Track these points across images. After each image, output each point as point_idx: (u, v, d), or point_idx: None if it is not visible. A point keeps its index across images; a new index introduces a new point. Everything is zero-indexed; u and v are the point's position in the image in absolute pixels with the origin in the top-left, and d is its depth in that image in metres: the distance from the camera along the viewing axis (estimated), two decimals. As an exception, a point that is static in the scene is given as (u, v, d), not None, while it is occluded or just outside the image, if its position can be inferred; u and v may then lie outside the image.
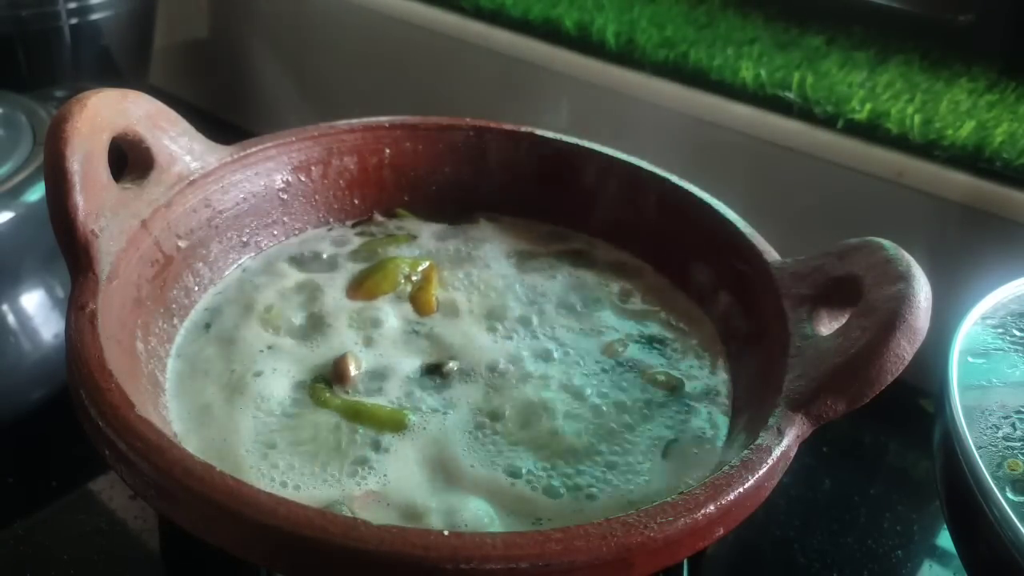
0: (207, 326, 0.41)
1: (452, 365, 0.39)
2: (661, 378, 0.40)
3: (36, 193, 0.49)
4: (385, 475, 0.34)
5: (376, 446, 0.35)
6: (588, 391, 0.39)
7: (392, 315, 0.43)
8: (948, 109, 0.59)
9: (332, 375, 0.38)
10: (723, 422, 0.38)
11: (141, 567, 0.43)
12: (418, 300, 0.44)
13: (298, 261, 0.46)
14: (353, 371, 0.38)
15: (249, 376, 0.38)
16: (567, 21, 0.70)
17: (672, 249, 0.46)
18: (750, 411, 0.36)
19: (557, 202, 0.50)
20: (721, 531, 0.28)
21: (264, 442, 0.35)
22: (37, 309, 0.51)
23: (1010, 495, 0.32)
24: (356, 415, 0.36)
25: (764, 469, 0.29)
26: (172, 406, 0.36)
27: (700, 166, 0.47)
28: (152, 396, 0.35)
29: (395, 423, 0.36)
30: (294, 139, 0.46)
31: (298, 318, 0.42)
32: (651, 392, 0.39)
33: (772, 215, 0.44)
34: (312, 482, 0.33)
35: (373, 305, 0.43)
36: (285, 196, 0.47)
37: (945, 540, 0.47)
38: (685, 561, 0.41)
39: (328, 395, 0.37)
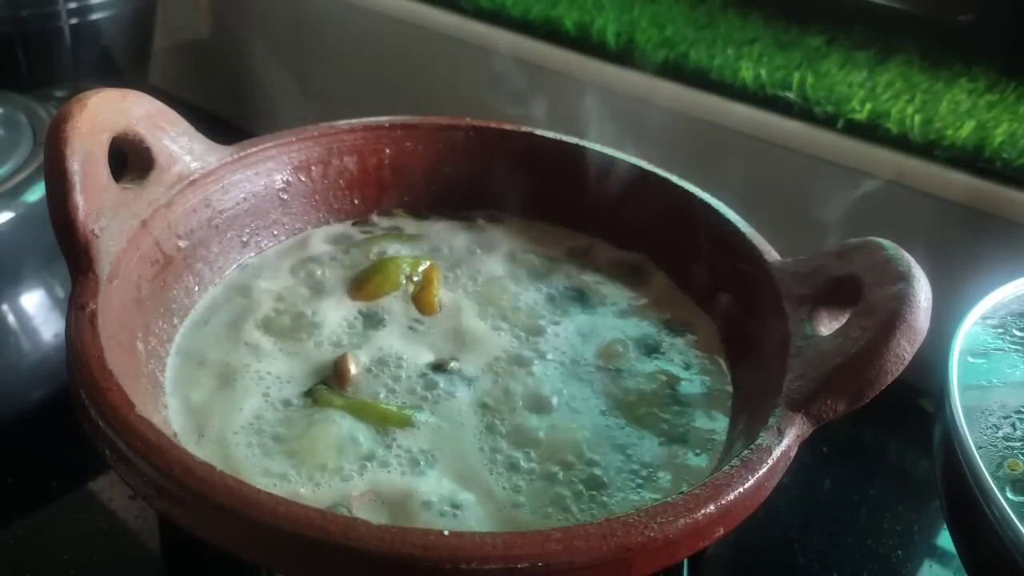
0: (206, 323, 0.41)
1: (455, 365, 0.39)
2: (662, 378, 0.40)
3: (36, 193, 0.49)
4: (385, 473, 0.34)
5: (378, 444, 0.35)
6: (589, 391, 0.39)
7: (394, 315, 0.43)
8: (948, 109, 0.59)
9: (332, 375, 0.38)
10: (723, 422, 0.38)
11: (141, 567, 0.43)
12: (420, 300, 0.43)
13: (298, 261, 0.46)
14: (353, 371, 0.38)
15: (248, 374, 0.38)
16: (567, 21, 0.70)
17: (672, 249, 0.46)
18: (750, 411, 0.36)
19: (557, 202, 0.50)
20: (721, 531, 0.28)
21: (263, 439, 0.35)
22: (37, 309, 0.51)
23: (1010, 495, 0.32)
24: (361, 412, 0.36)
25: (764, 469, 0.29)
26: (171, 404, 0.36)
27: (700, 166, 0.47)
28: (152, 396, 0.35)
29: (401, 421, 0.36)
30: (294, 139, 0.46)
31: (298, 318, 0.42)
32: (651, 392, 0.39)
33: (772, 215, 0.44)
34: (311, 480, 0.33)
35: (375, 305, 0.43)
36: (285, 196, 0.47)
37: (945, 540, 0.47)
38: (685, 561, 0.40)
39: (331, 395, 0.37)
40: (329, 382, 0.38)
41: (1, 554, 0.43)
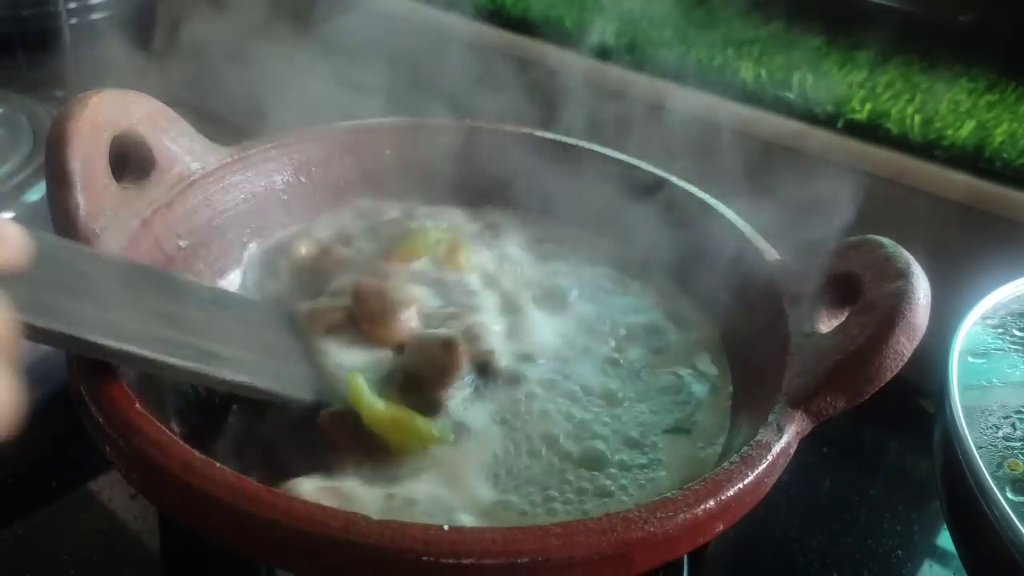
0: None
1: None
2: (662, 375, 0.40)
3: (36, 193, 0.49)
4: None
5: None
6: (588, 390, 0.39)
7: (427, 272, 0.43)
8: (948, 109, 0.59)
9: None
10: (724, 419, 0.38)
11: (141, 567, 0.43)
12: (450, 260, 0.44)
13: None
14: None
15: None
16: (567, 21, 0.70)
17: (673, 248, 0.46)
18: (750, 408, 0.36)
19: (557, 202, 0.50)
20: (721, 527, 0.28)
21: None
22: (37, 309, 0.51)
23: (1010, 495, 0.32)
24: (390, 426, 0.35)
25: (764, 465, 0.29)
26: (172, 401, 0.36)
27: (700, 166, 0.47)
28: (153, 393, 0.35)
29: (423, 439, 0.35)
30: (294, 139, 0.47)
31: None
32: (652, 390, 0.39)
33: (772, 215, 0.44)
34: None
35: (409, 267, 0.44)
36: (285, 196, 0.47)
37: (945, 540, 0.47)
38: (685, 560, 0.40)
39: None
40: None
41: (1, 554, 0.43)
